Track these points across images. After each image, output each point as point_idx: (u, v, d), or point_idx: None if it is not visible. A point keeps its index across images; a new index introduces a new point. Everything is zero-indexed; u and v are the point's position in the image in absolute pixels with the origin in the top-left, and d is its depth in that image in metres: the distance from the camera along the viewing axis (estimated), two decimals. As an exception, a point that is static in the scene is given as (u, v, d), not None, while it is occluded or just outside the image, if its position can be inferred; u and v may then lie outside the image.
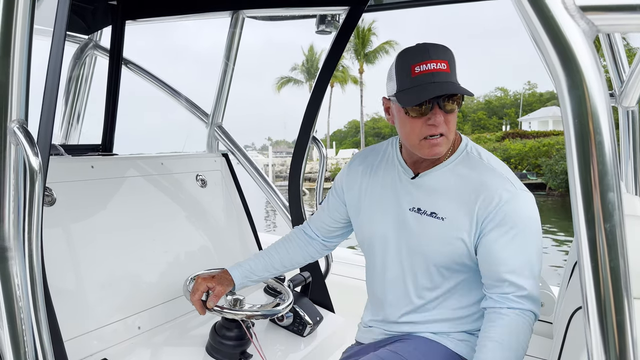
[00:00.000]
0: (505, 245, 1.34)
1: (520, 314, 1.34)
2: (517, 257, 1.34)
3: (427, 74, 1.31)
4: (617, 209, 0.63)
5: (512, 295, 1.34)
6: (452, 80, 1.33)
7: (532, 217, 1.36)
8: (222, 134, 2.75)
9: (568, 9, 0.62)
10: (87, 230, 1.75)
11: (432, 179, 1.45)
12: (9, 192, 1.08)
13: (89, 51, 3.00)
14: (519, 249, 1.34)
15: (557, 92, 0.64)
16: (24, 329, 1.10)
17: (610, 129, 0.62)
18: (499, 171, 1.40)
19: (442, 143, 1.37)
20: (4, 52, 1.01)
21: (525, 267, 1.34)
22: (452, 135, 1.40)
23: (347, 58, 45.59)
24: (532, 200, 1.38)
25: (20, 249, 1.09)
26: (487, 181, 1.37)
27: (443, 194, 1.42)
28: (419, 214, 1.45)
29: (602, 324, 0.67)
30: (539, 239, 1.37)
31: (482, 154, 1.45)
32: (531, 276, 1.35)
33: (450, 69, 1.33)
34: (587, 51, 0.62)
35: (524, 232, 1.34)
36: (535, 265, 1.35)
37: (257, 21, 2.69)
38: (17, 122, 1.05)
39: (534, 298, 1.35)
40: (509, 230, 1.34)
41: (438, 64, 1.32)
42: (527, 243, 1.35)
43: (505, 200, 1.34)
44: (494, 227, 1.35)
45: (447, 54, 1.35)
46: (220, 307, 1.61)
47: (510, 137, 35.04)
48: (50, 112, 1.21)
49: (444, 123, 1.35)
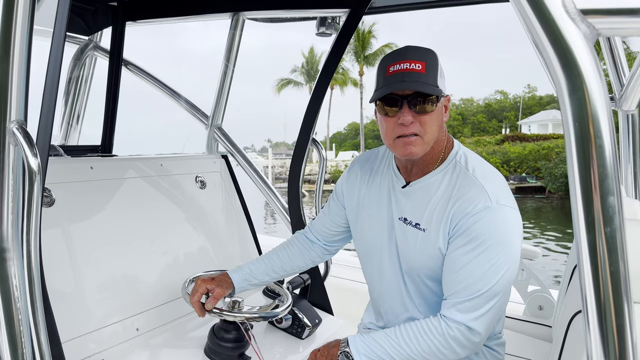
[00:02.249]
0: (461, 256, 1.31)
1: (442, 320, 1.32)
2: (472, 271, 1.29)
3: (398, 73, 1.32)
4: (617, 213, 0.63)
5: (449, 302, 1.33)
6: (424, 81, 1.31)
7: (503, 234, 1.29)
8: (222, 135, 2.75)
9: (569, 12, 0.61)
10: (86, 232, 1.75)
11: (421, 189, 1.44)
12: (7, 193, 1.07)
13: (89, 52, 3.00)
14: (476, 263, 1.28)
15: (557, 95, 0.64)
16: (22, 330, 1.09)
17: (610, 132, 0.62)
18: (479, 183, 1.34)
19: (416, 143, 1.35)
20: (4, 53, 1.01)
21: (476, 282, 1.28)
22: (429, 137, 1.36)
23: (347, 60, 45.64)
24: (512, 217, 1.31)
25: (19, 249, 1.09)
26: (465, 193, 1.34)
27: (427, 204, 1.40)
28: (405, 224, 1.45)
29: (602, 328, 0.66)
30: (505, 257, 1.28)
31: (469, 164, 1.40)
32: (477, 293, 1.28)
33: (427, 70, 1.31)
34: (588, 54, 0.62)
35: (488, 248, 1.27)
36: (487, 283, 1.28)
37: (257, 23, 2.69)
38: (16, 122, 1.05)
39: (470, 313, 1.29)
40: (470, 242, 1.30)
41: (412, 64, 1.32)
42: (487, 259, 1.28)
43: (475, 212, 1.30)
44: (458, 236, 1.32)
45: (427, 55, 1.34)
46: (219, 309, 1.61)
47: (509, 140, 35.06)
48: (49, 113, 1.21)
49: (417, 123, 1.34)
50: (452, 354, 1.32)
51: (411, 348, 1.32)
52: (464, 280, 1.30)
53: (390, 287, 1.53)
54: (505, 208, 1.31)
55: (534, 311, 2.34)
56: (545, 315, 2.32)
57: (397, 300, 1.52)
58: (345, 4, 2.26)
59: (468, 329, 1.29)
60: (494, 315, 1.32)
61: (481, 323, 1.29)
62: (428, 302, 1.47)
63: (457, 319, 1.30)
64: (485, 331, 1.32)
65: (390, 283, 1.52)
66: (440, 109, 1.38)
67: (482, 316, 1.29)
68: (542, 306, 2.32)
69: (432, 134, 1.37)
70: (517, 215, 1.34)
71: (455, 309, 1.30)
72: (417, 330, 1.33)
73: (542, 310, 2.32)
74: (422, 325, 1.34)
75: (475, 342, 1.31)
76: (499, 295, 1.29)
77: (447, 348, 1.31)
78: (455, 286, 1.32)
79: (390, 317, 1.57)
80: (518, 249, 1.32)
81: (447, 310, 1.32)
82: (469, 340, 1.30)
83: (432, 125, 1.36)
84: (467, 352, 1.33)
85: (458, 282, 1.31)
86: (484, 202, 1.30)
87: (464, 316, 1.29)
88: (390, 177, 1.54)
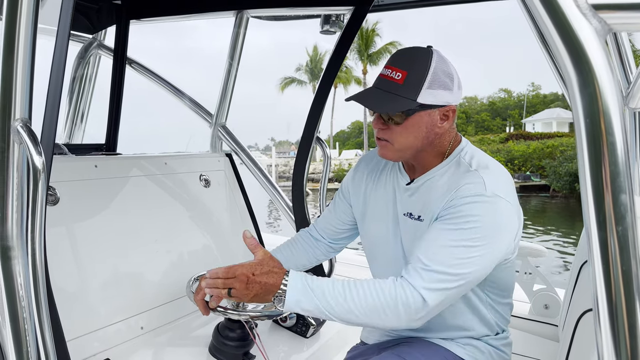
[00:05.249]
0: (439, 225, 1.27)
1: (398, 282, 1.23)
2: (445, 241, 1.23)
3: (379, 78, 1.34)
4: (629, 211, 0.62)
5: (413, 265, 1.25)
6: (393, 92, 1.29)
7: (490, 222, 1.24)
8: (226, 134, 2.75)
9: (580, 7, 0.60)
10: (90, 230, 1.75)
11: (424, 185, 1.43)
12: (12, 191, 1.07)
13: (93, 50, 3.01)
14: (451, 237, 1.23)
15: (568, 91, 0.63)
16: (26, 328, 1.09)
17: (622, 129, 0.61)
18: (479, 175, 1.31)
19: (387, 148, 1.37)
20: (8, 51, 1.00)
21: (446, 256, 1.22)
22: (400, 146, 1.35)
23: (351, 59, 45.55)
24: (505, 209, 1.26)
25: (24, 248, 1.09)
26: (462, 182, 1.31)
27: (430, 198, 1.39)
28: (410, 218, 1.43)
29: (613, 327, 0.65)
30: (485, 244, 1.23)
31: (473, 161, 1.38)
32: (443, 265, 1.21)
33: (405, 82, 1.29)
34: (599, 50, 0.61)
35: (470, 229, 1.22)
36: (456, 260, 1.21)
37: (261, 21, 2.69)
38: (20, 120, 1.05)
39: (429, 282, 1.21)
40: (452, 218, 1.25)
41: (394, 72, 1.30)
42: (465, 238, 1.22)
43: (467, 196, 1.26)
44: (445, 214, 1.28)
45: (415, 63, 1.30)
46: (224, 308, 1.60)
47: (513, 139, 34.97)
48: (54, 111, 1.21)
49: (388, 131, 1.35)
50: (395, 317, 1.22)
51: (356, 303, 1.22)
52: (435, 248, 1.24)
53: None
54: (501, 200, 1.27)
55: (540, 310, 2.32)
56: (551, 314, 2.30)
57: None
58: (349, 1, 2.25)
59: (421, 297, 1.20)
60: (449, 298, 1.24)
61: (436, 297, 1.21)
62: None
63: (415, 284, 1.21)
64: (434, 308, 1.22)
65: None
66: (420, 121, 1.34)
67: (439, 291, 1.21)
68: (548, 305, 2.31)
69: (404, 144, 1.36)
70: (511, 210, 1.29)
71: (417, 273, 1.22)
72: (368, 287, 1.24)
73: (548, 309, 2.31)
74: (374, 284, 1.24)
75: (421, 315, 1.22)
76: (463, 281, 1.22)
77: (393, 310, 1.21)
78: (424, 250, 1.25)
79: None
80: (503, 243, 1.27)
81: (408, 273, 1.24)
82: (417, 309, 1.21)
83: (403, 135, 1.35)
84: (409, 321, 1.23)
85: (428, 248, 1.25)
86: (479, 190, 1.26)
87: (423, 283, 1.21)
88: (395, 174, 1.54)
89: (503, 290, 1.47)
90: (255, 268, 1.30)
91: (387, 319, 1.22)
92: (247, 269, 1.30)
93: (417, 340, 1.50)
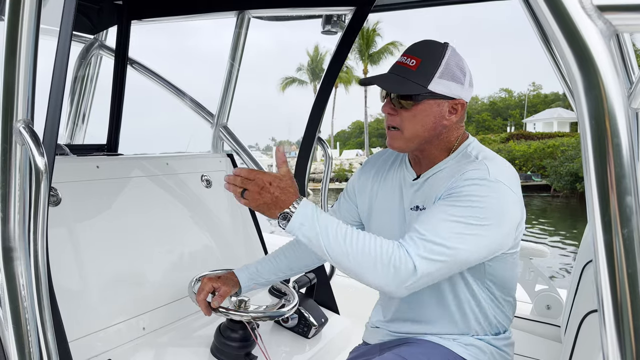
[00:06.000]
0: (440, 202, 1.28)
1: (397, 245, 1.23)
2: (443, 216, 1.24)
3: (395, 65, 1.38)
4: (634, 213, 0.62)
5: (411, 234, 1.25)
6: (407, 77, 1.33)
7: (491, 204, 1.24)
8: (227, 134, 2.74)
9: (585, 8, 0.60)
10: (92, 231, 1.75)
11: (431, 179, 1.44)
12: (14, 192, 1.07)
13: (95, 51, 3.01)
14: (450, 212, 1.24)
15: (572, 92, 0.63)
16: (29, 329, 1.09)
17: (627, 131, 0.61)
18: (483, 163, 1.32)
19: (396, 137, 1.39)
20: (11, 52, 1.00)
21: (444, 229, 1.22)
22: (409, 134, 1.38)
23: (352, 59, 45.54)
24: (508, 196, 1.27)
25: (26, 249, 1.09)
26: (466, 168, 1.32)
27: (437, 191, 1.39)
28: (416, 211, 1.45)
29: (618, 329, 0.65)
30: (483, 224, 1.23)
31: (479, 155, 1.39)
32: (439, 238, 1.21)
33: (419, 68, 1.33)
34: (605, 51, 0.61)
35: (469, 207, 1.23)
36: (453, 235, 1.21)
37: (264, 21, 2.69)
38: (22, 122, 1.05)
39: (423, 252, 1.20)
40: (453, 196, 1.26)
41: (409, 59, 1.35)
42: (464, 215, 1.22)
43: (470, 178, 1.27)
44: (447, 194, 1.29)
45: (430, 52, 1.35)
46: (225, 309, 1.60)
47: (514, 139, 34.92)
48: (56, 112, 1.20)
49: (397, 117, 1.38)
50: (383, 275, 1.21)
51: (353, 247, 1.22)
52: (432, 220, 1.24)
53: None
54: (503, 185, 1.27)
55: (542, 310, 2.32)
56: (553, 315, 2.30)
57: (405, 297, 1.51)
58: (351, 2, 2.25)
59: (413, 264, 1.20)
60: (439, 273, 1.24)
61: (426, 267, 1.20)
62: (437, 297, 1.46)
63: (410, 250, 1.21)
64: (422, 278, 1.21)
65: None
66: (431, 109, 1.36)
67: (430, 261, 1.21)
68: (550, 305, 2.31)
69: (413, 131, 1.38)
70: (514, 198, 1.29)
71: (412, 241, 1.22)
72: (370, 238, 1.24)
73: (549, 310, 2.31)
74: (377, 238, 1.24)
75: (408, 283, 1.21)
76: (455, 257, 1.22)
77: (384, 268, 1.20)
78: (422, 222, 1.26)
79: (399, 314, 1.56)
80: (501, 229, 1.27)
81: (405, 240, 1.24)
82: (407, 275, 1.20)
83: (413, 122, 1.37)
84: (395, 286, 1.22)
85: (426, 220, 1.26)
86: (483, 174, 1.28)
87: (417, 250, 1.21)
88: (402, 171, 1.55)
89: (504, 287, 1.47)
90: (274, 179, 1.30)
91: (377, 274, 1.21)
92: (266, 177, 1.30)
93: (419, 341, 1.50)
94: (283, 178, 1.31)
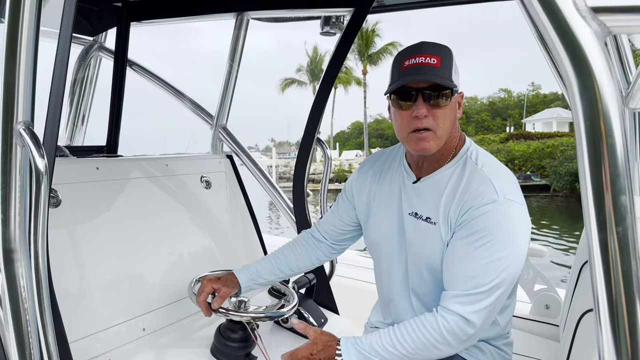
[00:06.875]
0: (464, 247, 1.31)
1: (439, 313, 1.30)
2: (473, 263, 1.28)
3: (414, 66, 1.33)
4: (629, 212, 0.62)
5: (449, 293, 1.31)
6: (439, 74, 1.31)
7: (508, 229, 1.28)
8: (227, 135, 2.75)
9: (579, 10, 0.61)
10: (92, 232, 1.75)
11: (432, 184, 1.44)
12: (14, 194, 1.08)
13: (94, 52, 3.01)
14: (477, 255, 1.27)
15: (568, 93, 0.63)
16: (29, 330, 1.10)
17: (622, 130, 0.62)
18: (487, 177, 1.34)
19: (429, 138, 1.35)
20: (11, 54, 1.01)
21: (478, 275, 1.27)
22: (442, 132, 1.36)
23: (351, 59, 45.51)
24: (518, 213, 1.30)
25: (26, 250, 1.09)
26: (473, 186, 1.34)
27: (438, 198, 1.40)
28: (416, 218, 1.44)
29: (614, 328, 0.66)
30: (509, 253, 1.27)
31: (479, 160, 1.41)
32: (477, 286, 1.27)
33: (442, 65, 1.32)
34: (599, 52, 0.61)
35: (492, 242, 1.26)
36: (488, 276, 1.26)
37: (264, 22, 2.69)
38: (23, 123, 1.05)
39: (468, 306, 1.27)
40: (474, 234, 1.29)
41: (428, 58, 1.33)
42: (490, 253, 1.26)
43: (481, 205, 1.29)
44: (463, 227, 1.32)
45: (443, 50, 1.35)
46: (225, 309, 1.61)
47: (514, 139, 34.92)
48: (56, 114, 1.21)
49: (430, 118, 1.34)
50: (447, 347, 1.30)
51: (406, 347, 1.30)
52: (465, 272, 1.29)
53: (398, 283, 1.53)
54: (512, 203, 1.30)
55: (541, 310, 2.33)
56: (552, 314, 2.31)
57: (405, 298, 1.52)
58: (349, 3, 2.25)
59: (465, 320, 1.27)
60: (493, 310, 1.30)
61: (479, 317, 1.28)
62: (435, 296, 1.47)
63: (456, 310, 1.28)
64: (481, 325, 1.29)
65: (400, 278, 1.52)
66: (454, 104, 1.38)
67: (481, 310, 1.27)
68: (549, 305, 2.31)
69: (445, 129, 1.37)
70: (523, 211, 1.33)
71: (454, 301, 1.29)
72: (412, 328, 1.32)
73: (548, 309, 2.31)
74: (417, 323, 1.32)
75: (470, 334, 1.29)
76: (499, 291, 1.28)
77: (443, 342, 1.29)
78: (456, 277, 1.31)
79: (399, 315, 1.56)
80: (523, 245, 1.30)
81: (446, 301, 1.31)
82: (465, 332, 1.28)
83: (446, 120, 1.36)
84: (462, 346, 1.32)
85: (459, 273, 1.30)
86: (491, 196, 1.30)
87: (463, 308, 1.27)
88: (401, 173, 1.54)
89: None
90: (312, 348, 1.40)
91: (440, 351, 1.31)
92: (305, 351, 1.40)
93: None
94: (316, 341, 1.41)
